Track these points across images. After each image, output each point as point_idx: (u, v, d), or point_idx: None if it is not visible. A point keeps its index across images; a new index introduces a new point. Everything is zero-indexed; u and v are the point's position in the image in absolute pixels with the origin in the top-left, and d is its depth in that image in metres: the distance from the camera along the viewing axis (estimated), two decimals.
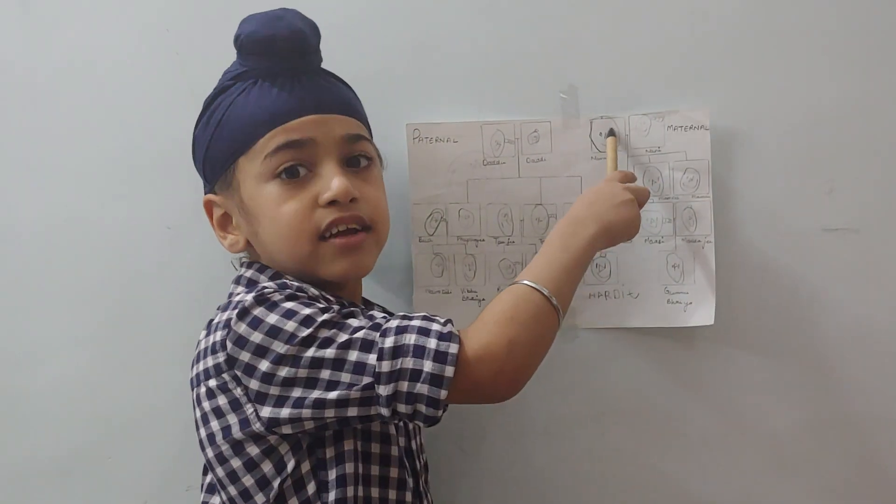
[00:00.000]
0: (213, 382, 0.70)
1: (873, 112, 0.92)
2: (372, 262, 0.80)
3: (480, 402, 0.72)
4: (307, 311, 0.68)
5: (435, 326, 0.68)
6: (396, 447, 0.76)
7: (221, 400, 0.69)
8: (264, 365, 0.67)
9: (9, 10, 0.96)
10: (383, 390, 0.66)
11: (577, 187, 0.93)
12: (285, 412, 0.67)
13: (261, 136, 0.75)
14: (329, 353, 0.66)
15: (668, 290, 0.93)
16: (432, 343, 0.66)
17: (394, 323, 0.68)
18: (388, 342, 0.66)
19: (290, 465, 0.70)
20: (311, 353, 0.66)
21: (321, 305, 0.70)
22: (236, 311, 0.68)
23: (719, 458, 0.95)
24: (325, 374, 0.66)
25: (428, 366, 0.65)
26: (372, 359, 0.66)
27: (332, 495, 0.70)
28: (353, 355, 0.66)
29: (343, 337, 0.67)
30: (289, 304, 0.69)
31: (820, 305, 0.93)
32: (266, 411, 0.67)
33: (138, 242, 0.97)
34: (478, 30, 0.94)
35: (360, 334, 0.67)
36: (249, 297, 0.69)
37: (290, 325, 0.67)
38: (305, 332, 0.67)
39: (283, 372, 0.66)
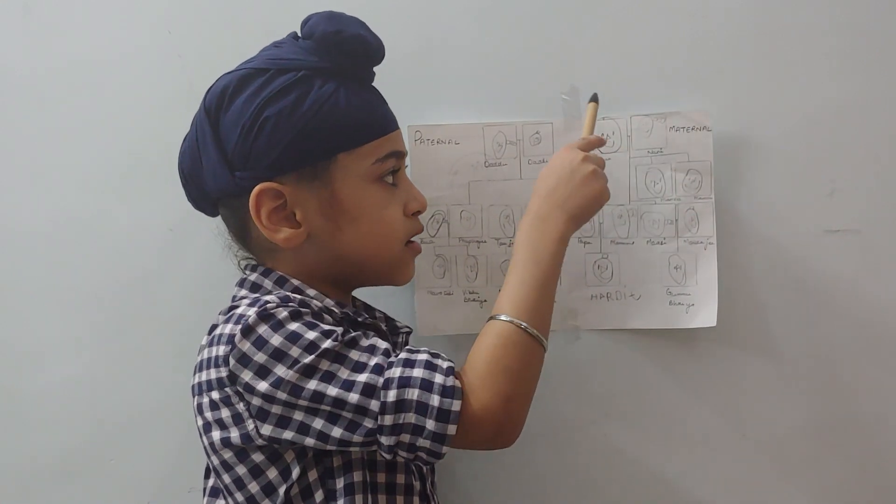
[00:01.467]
0: (215, 395, 0.69)
1: (874, 113, 0.92)
2: None
3: (479, 449, 0.74)
4: (311, 335, 0.68)
5: (438, 379, 0.67)
6: None
7: (224, 413, 0.69)
8: (264, 386, 0.66)
9: (11, 11, 0.96)
10: (385, 440, 0.67)
11: None
12: (288, 434, 0.67)
13: (372, 139, 0.75)
14: (331, 390, 0.66)
15: (670, 291, 0.93)
16: (435, 400, 0.66)
17: (396, 372, 0.67)
18: (391, 395, 0.66)
19: (296, 473, 0.70)
20: (312, 385, 0.66)
21: (325, 328, 0.69)
22: (240, 327, 0.68)
23: (722, 460, 0.96)
24: (326, 407, 0.67)
25: (430, 424, 0.66)
26: (374, 405, 0.66)
27: (347, 500, 0.70)
28: (355, 398, 0.66)
29: (345, 374, 0.67)
30: (293, 326, 0.68)
31: (822, 307, 0.93)
32: (267, 429, 0.67)
33: (140, 244, 0.97)
34: (479, 31, 0.94)
35: (362, 378, 0.67)
36: (252, 313, 0.68)
37: (293, 351, 0.67)
38: (308, 358, 0.67)
39: (284, 396, 0.66)
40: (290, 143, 0.72)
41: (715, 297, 0.91)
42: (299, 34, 0.77)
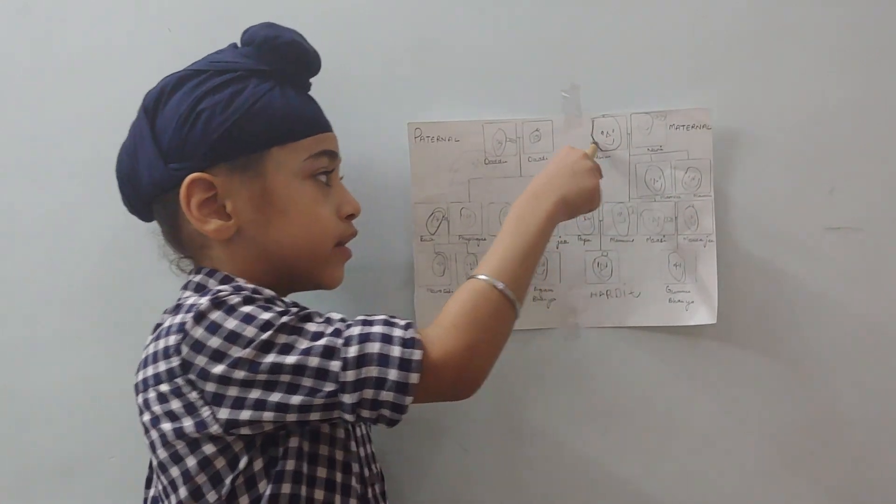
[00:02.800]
0: (164, 387, 0.68)
1: (875, 111, 0.91)
2: None
3: (441, 401, 0.73)
4: (266, 315, 0.68)
5: (397, 332, 0.68)
6: (342, 451, 0.75)
7: (175, 404, 0.68)
8: (220, 368, 0.66)
9: (10, 9, 0.96)
10: (348, 398, 0.66)
11: None
12: (245, 414, 0.66)
13: (306, 135, 0.77)
14: (290, 359, 0.66)
15: (670, 289, 0.93)
16: (396, 351, 0.67)
17: (356, 330, 0.68)
18: (352, 351, 0.66)
19: (243, 462, 0.69)
20: (270, 358, 0.66)
21: (279, 309, 0.69)
22: (191, 314, 0.67)
23: (721, 457, 0.95)
24: (286, 378, 0.66)
25: (393, 374, 0.66)
26: (335, 366, 0.66)
27: (281, 488, 0.70)
28: (315, 361, 0.66)
29: (304, 343, 0.67)
30: (247, 309, 0.68)
31: (822, 305, 0.93)
32: (224, 413, 0.67)
33: (140, 242, 0.97)
34: (479, 28, 0.94)
35: (322, 341, 0.67)
36: (205, 301, 0.68)
37: (249, 331, 0.67)
38: (264, 336, 0.66)
39: (241, 375, 0.66)
40: (223, 134, 0.74)
41: (715, 294, 0.91)
42: (238, 45, 0.80)
